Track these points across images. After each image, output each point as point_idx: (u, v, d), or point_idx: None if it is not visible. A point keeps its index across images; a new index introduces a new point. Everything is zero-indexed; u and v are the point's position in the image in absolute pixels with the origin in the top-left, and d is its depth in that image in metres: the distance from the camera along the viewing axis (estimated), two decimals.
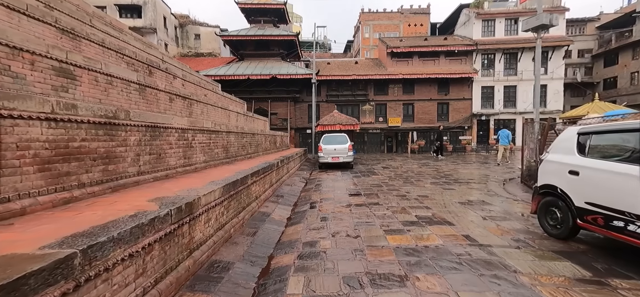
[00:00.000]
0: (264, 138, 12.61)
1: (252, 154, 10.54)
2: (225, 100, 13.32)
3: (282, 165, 9.54)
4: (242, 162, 8.59)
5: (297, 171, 13.18)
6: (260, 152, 11.86)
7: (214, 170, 6.27)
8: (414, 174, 11.44)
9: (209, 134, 6.75)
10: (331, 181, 10.34)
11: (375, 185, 9.06)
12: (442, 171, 12.55)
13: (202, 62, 28.17)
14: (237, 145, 8.96)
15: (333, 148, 13.73)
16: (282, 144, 17.63)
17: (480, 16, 26.56)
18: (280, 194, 7.63)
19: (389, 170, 13.13)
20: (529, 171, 8.70)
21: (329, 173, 12.56)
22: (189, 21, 30.89)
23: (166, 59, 10.80)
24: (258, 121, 16.37)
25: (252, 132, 10.58)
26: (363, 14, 37.70)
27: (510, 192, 7.71)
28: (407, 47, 26.43)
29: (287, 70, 24.95)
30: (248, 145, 10.08)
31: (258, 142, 11.64)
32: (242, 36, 25.69)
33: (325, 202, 6.84)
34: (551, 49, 25.93)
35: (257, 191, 6.08)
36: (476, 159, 18.37)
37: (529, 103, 26.20)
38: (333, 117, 18.50)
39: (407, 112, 27.29)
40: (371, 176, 11.15)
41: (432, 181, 9.76)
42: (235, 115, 12.21)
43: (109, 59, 6.33)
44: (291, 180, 10.19)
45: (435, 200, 6.74)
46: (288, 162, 10.90)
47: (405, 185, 9.00)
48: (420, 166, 14.79)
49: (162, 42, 26.83)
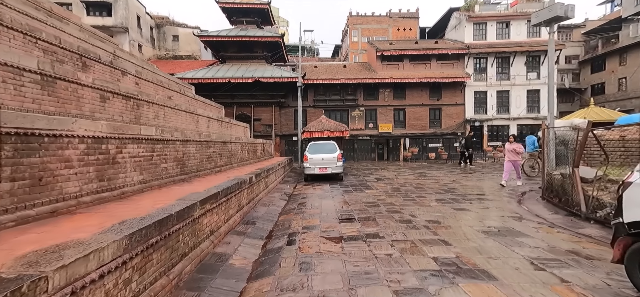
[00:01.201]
0: (240, 147, 10.90)
1: (223, 166, 8.82)
2: (196, 104, 11.57)
3: (259, 180, 7.86)
4: (205, 178, 6.86)
5: (280, 183, 11.51)
6: (235, 164, 10.14)
7: (152, 194, 4.55)
8: (413, 188, 9.95)
9: (152, 144, 5.04)
10: (318, 197, 8.72)
11: (370, 204, 7.49)
12: (443, 182, 11.13)
13: (179, 65, 26.22)
14: (201, 157, 7.23)
15: (320, 158, 12.13)
16: (265, 152, 15.91)
17: (472, 19, 25.76)
18: (251, 220, 5.94)
19: (383, 182, 11.62)
20: (550, 184, 7.34)
21: (315, 187, 10.95)
22: (166, 22, 28.93)
23: (121, 54, 9.02)
24: (236, 128, 14.64)
25: (222, 141, 8.87)
26: (351, 18, 36.62)
27: (536, 213, 6.28)
28: (398, 50, 25.31)
29: (272, 73, 23.33)
30: (217, 157, 8.36)
31: (232, 151, 9.93)
32: (223, 37, 23.96)
33: (308, 232, 5.21)
34: (543, 53, 25.28)
35: (213, 223, 4.39)
36: (474, 168, 17.14)
37: (522, 109, 25.42)
38: (320, 123, 16.96)
39: (398, 117, 26.05)
40: (364, 191, 9.59)
41: (437, 196, 8.27)
42: (206, 121, 10.47)
43: (10, 42, 4.56)
44: (270, 197, 8.51)
45: (451, 228, 5.21)
46: (267, 176, 9.22)
47: (407, 203, 7.47)
48: (417, 176, 13.35)
49: (135, 42, 24.78)
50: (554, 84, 9.78)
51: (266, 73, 23.24)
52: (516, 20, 25.58)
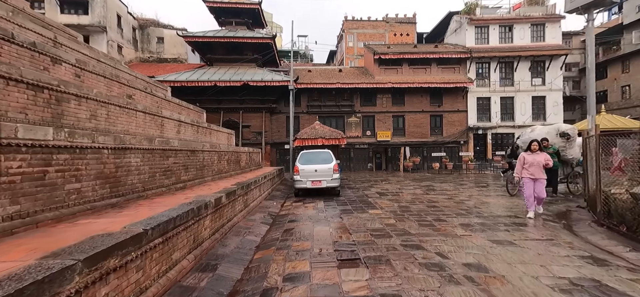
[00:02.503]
0: (216, 157, 9.08)
1: (190, 181, 7.00)
2: (169, 106, 9.80)
3: (233, 200, 6.06)
4: (154, 200, 5.03)
5: (265, 200, 9.69)
6: (209, 177, 8.31)
7: (25, 241, 2.73)
8: (426, 207, 8.22)
9: (47, 154, 3.23)
10: (309, 220, 6.93)
11: (378, 232, 5.73)
12: (458, 198, 9.43)
13: (163, 69, 24.39)
14: (151, 170, 5.42)
15: (313, 169, 10.37)
16: (251, 162, 14.09)
17: (473, 22, 24.56)
18: (212, 263, 4.13)
19: (387, 198, 9.87)
20: (607, 204, 5.69)
21: (307, 204, 9.15)
22: (150, 23, 27.17)
23: (65, 42, 7.26)
24: (219, 134, 12.84)
25: (190, 149, 7.05)
26: (347, 22, 35.34)
27: (609, 250, 4.58)
28: (396, 54, 23.91)
29: (262, 76, 21.65)
30: (180, 170, 6.54)
31: (205, 162, 8.11)
32: (209, 37, 22.29)
33: (292, 290, 3.41)
34: (548, 58, 24.15)
35: (127, 290, 2.57)
36: (484, 179, 15.51)
37: (527, 116, 24.08)
38: (314, 130, 15.26)
39: (397, 125, 24.50)
40: (367, 210, 7.83)
41: (461, 220, 6.54)
42: (174, 125, 8.66)
43: None
44: (249, 221, 6.69)
45: (508, 283, 3.46)
46: (247, 192, 7.42)
47: (426, 231, 5.73)
48: (425, 190, 11.65)
49: (114, 43, 22.94)
50: (592, 81, 8.27)
51: (256, 76, 21.55)
52: (519, 24, 24.44)
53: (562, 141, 9.98)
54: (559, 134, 10.05)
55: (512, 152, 11.69)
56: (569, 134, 9.93)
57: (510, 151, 12.29)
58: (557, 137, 10.05)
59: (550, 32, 24.33)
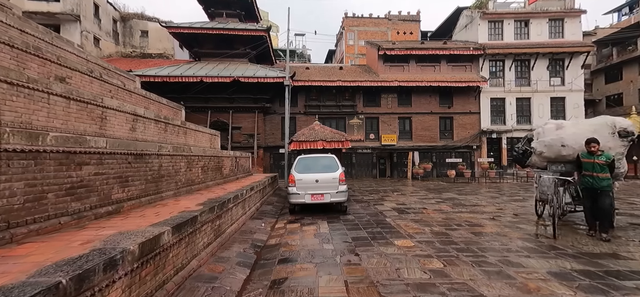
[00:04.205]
0: (185, 163, 6.77)
1: (130, 200, 4.67)
2: (121, 94, 7.49)
3: (190, 234, 3.76)
4: (29, 247, 2.68)
5: (251, 219, 7.39)
6: (169, 191, 5.98)
7: None
8: (471, 234, 5.96)
9: None
10: (310, 259, 4.65)
11: (424, 290, 3.45)
12: (505, 219, 7.18)
13: (146, 64, 22.01)
14: (35, 188, 3.09)
15: (314, 179, 8.08)
16: (237, 169, 11.77)
17: (486, 16, 22.57)
18: None
19: (410, 217, 7.60)
20: None
21: (306, 226, 6.86)
22: (133, 15, 24.86)
23: None
24: (198, 135, 10.51)
25: (131, 151, 4.73)
26: (347, 19, 33.33)
27: None
28: (403, 50, 21.81)
29: (254, 72, 19.38)
30: (111, 183, 4.21)
31: (163, 170, 5.79)
32: (197, 29, 20.03)
33: None
34: (568, 56, 22.20)
35: None
36: (512, 190, 13.28)
37: (545, 118, 21.95)
38: (313, 132, 13.01)
39: (403, 127, 22.33)
40: (391, 240, 5.55)
41: (544, 263, 4.28)
42: (124, 120, 6.33)
43: None
44: (218, 262, 4.36)
45: None
46: (219, 216, 5.12)
47: (500, 287, 3.48)
48: (451, 204, 9.40)
49: (90, 35, 20.58)
50: None
51: (248, 72, 19.28)
52: (536, 19, 22.49)
53: (620, 144, 6.11)
54: (616, 132, 6.12)
55: (522, 155, 7.56)
56: (632, 133, 6.12)
57: (520, 153, 7.70)
58: (613, 138, 6.13)
59: (570, 28, 22.43)
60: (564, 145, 6.23)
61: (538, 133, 7.01)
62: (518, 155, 7.76)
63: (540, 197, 6.50)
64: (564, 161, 6.41)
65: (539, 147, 6.70)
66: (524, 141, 7.67)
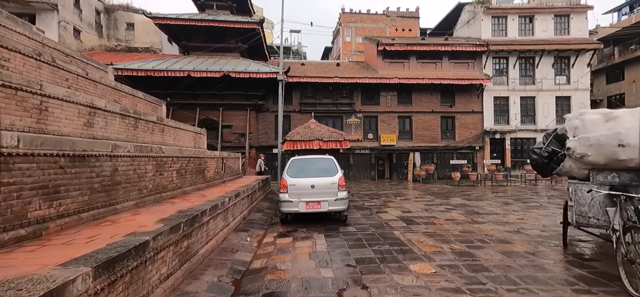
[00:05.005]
0: (153, 166, 5.59)
1: (64, 217, 3.49)
2: (81, 82, 6.30)
3: (129, 272, 2.59)
4: None
5: (235, 231, 6.24)
6: (128, 201, 4.81)
7: None
8: (501, 253, 4.89)
9: None
10: (301, 288, 3.55)
11: None
12: (533, 232, 6.12)
13: (131, 58, 20.67)
14: None
15: (309, 184, 6.95)
16: (224, 172, 10.59)
17: (490, 11, 21.64)
18: None
19: (421, 229, 6.50)
20: None
21: (299, 241, 5.73)
22: (118, 6, 23.46)
23: None
24: (180, 133, 9.30)
25: (64, 152, 3.55)
26: (344, 15, 32.25)
27: None
28: (403, 45, 20.78)
29: (246, 67, 18.19)
30: (38, 196, 3.01)
31: (118, 176, 4.62)
32: (185, 20, 18.78)
33: None
34: (574, 53, 21.37)
35: None
36: (523, 193, 12.26)
37: (551, 119, 21.12)
38: (309, 130, 11.88)
39: (403, 127, 21.29)
40: (405, 263, 4.44)
41: None
42: (76, 113, 5.15)
43: None
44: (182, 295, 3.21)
45: None
46: (190, 234, 3.97)
47: None
48: (463, 212, 8.34)
49: (70, 25, 19.18)
50: None
51: (239, 67, 18.08)
52: (541, 15, 21.61)
53: None
54: None
55: (548, 159, 5.36)
56: None
57: (543, 156, 5.42)
58: None
59: (576, 24, 21.59)
60: (622, 145, 4.19)
61: (575, 127, 4.71)
62: (540, 159, 5.44)
63: (577, 220, 4.60)
64: (621, 167, 4.37)
65: (581, 148, 4.51)
66: (551, 139, 5.39)
